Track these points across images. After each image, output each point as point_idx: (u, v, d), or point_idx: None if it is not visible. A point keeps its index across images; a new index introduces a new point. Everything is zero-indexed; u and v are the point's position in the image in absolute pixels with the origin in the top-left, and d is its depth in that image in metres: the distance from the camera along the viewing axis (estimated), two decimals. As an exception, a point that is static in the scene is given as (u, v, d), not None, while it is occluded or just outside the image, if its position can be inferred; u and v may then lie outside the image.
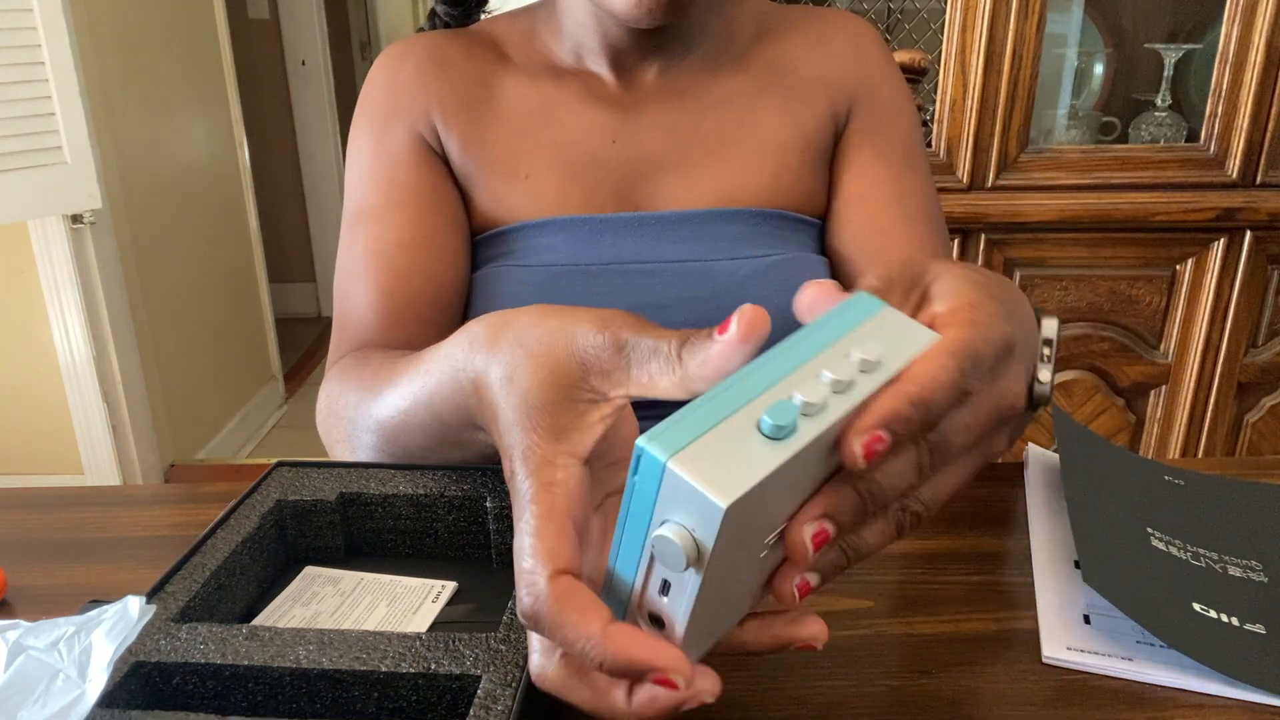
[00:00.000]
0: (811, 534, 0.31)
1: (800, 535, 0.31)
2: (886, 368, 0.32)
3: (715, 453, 0.28)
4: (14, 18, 1.83)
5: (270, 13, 3.61)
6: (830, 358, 0.32)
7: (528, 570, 0.31)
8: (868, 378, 0.31)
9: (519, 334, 0.37)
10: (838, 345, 0.32)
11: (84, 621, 0.35)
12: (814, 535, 0.31)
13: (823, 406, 0.30)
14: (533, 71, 0.74)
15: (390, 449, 0.53)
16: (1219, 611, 0.46)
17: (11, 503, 0.63)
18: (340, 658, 0.38)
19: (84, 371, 2.32)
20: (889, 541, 0.35)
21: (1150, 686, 0.43)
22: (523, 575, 0.31)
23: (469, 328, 0.41)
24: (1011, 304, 0.37)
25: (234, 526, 0.48)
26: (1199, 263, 1.61)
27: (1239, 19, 1.50)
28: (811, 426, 0.29)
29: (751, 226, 0.71)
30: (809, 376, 0.31)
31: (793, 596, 0.34)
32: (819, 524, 0.32)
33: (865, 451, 0.30)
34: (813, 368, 0.31)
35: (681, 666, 0.30)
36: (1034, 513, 0.58)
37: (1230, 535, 0.54)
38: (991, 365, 0.34)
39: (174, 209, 2.62)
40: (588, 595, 0.31)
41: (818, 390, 0.30)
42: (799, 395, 0.30)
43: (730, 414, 0.29)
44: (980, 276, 0.38)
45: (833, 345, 0.32)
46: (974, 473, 0.36)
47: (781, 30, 0.76)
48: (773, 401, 0.29)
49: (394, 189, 0.71)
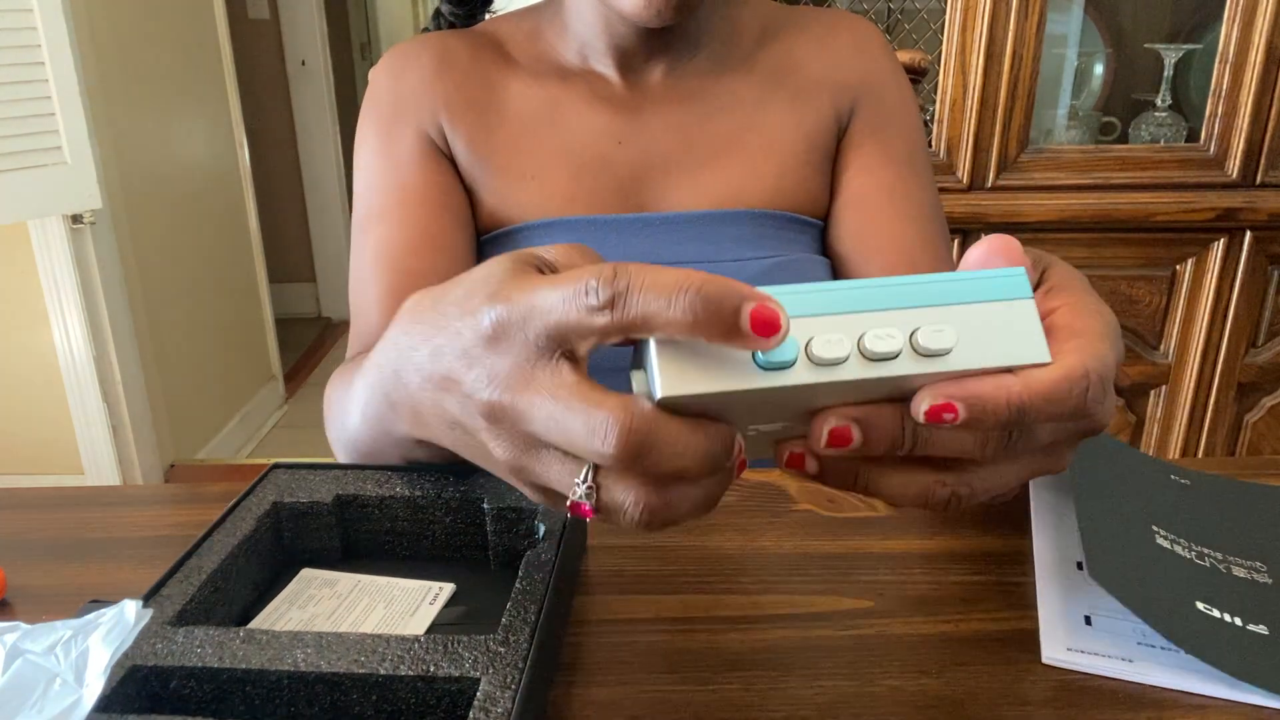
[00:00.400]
0: (831, 428, 0.31)
1: (820, 427, 0.31)
2: (959, 359, 0.30)
3: (698, 345, 0.29)
4: (14, 18, 1.83)
5: (270, 13, 3.61)
6: (916, 319, 0.30)
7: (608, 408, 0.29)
8: (927, 361, 0.30)
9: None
10: (941, 311, 0.30)
11: (81, 625, 0.35)
12: (832, 430, 0.31)
13: (839, 364, 0.29)
14: (538, 72, 0.74)
15: (355, 443, 0.53)
16: (1222, 611, 0.46)
17: (11, 503, 0.63)
18: (338, 661, 0.38)
19: (84, 371, 2.32)
20: (912, 502, 0.33)
21: (1151, 688, 0.43)
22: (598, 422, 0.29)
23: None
24: (1113, 322, 0.35)
25: (230, 529, 0.48)
26: (1199, 263, 1.61)
27: (1239, 19, 1.50)
28: (819, 374, 0.29)
29: (755, 228, 0.71)
30: (865, 327, 0.29)
31: (781, 457, 0.33)
32: (845, 424, 0.31)
33: (929, 413, 0.29)
34: (881, 320, 0.30)
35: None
36: (1037, 513, 0.57)
37: (1235, 535, 0.54)
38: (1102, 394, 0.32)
39: (174, 209, 2.62)
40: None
41: (841, 347, 0.29)
42: (818, 344, 0.29)
43: None
44: (1087, 283, 0.36)
45: (936, 308, 0.30)
46: (1028, 479, 0.35)
47: (786, 31, 0.76)
48: (812, 330, 0.29)
49: (402, 190, 0.71)
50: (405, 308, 0.38)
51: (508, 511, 0.49)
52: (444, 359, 0.34)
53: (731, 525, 0.56)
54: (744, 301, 0.28)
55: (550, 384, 0.30)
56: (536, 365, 0.31)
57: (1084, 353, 0.31)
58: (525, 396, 0.31)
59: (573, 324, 0.29)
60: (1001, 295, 0.31)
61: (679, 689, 0.43)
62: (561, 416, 0.30)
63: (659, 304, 0.28)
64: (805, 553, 0.53)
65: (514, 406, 0.31)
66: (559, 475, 0.32)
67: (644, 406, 0.29)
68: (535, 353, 0.31)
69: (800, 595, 0.49)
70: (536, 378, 0.31)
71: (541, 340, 0.31)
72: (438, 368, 0.34)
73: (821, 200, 0.75)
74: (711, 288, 0.28)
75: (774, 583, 0.51)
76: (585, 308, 0.29)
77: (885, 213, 0.73)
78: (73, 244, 2.21)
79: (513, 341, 0.31)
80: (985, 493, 0.34)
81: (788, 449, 0.33)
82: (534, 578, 0.43)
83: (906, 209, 0.73)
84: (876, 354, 0.29)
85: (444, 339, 0.34)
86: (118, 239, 2.33)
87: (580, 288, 0.29)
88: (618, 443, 0.29)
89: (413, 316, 0.37)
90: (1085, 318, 0.33)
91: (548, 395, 0.30)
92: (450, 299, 0.34)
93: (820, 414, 0.31)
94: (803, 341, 0.29)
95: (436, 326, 0.35)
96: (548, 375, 0.30)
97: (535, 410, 0.31)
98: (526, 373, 0.31)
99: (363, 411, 0.47)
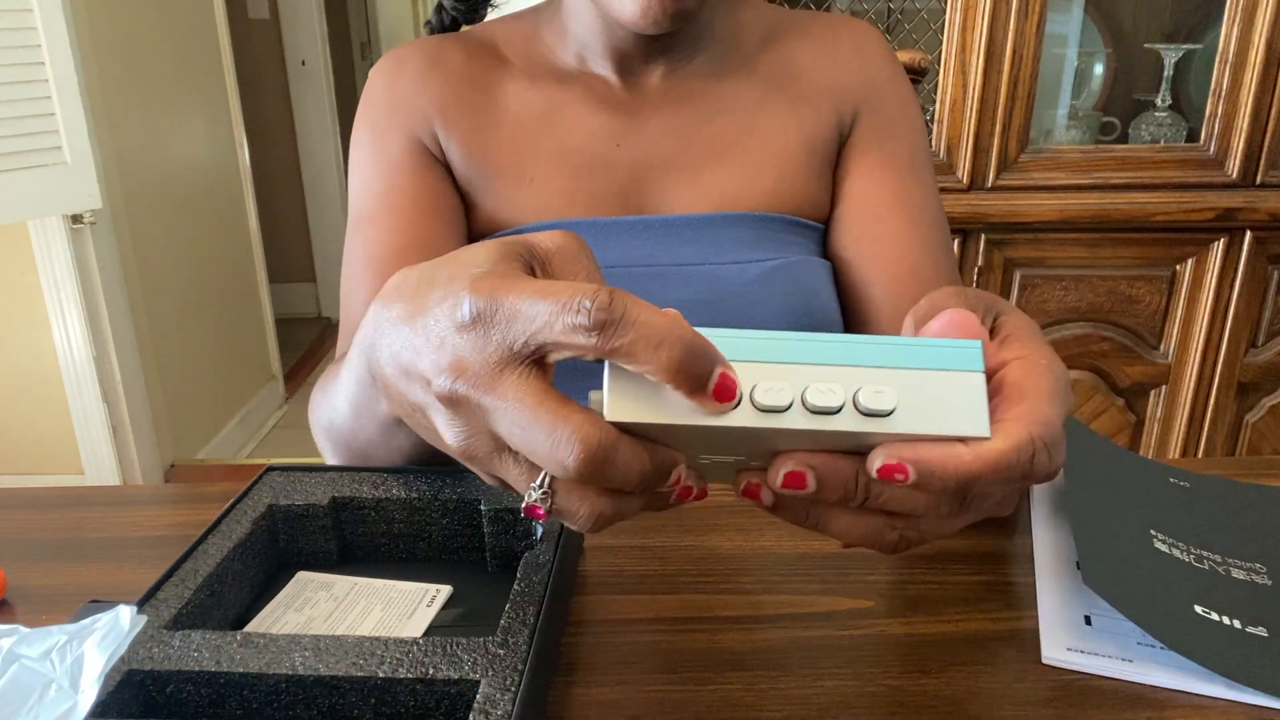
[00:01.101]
0: (785, 472, 0.32)
1: (778, 469, 0.32)
2: (901, 422, 0.30)
3: (645, 380, 0.30)
4: (14, 18, 1.83)
5: (270, 13, 3.61)
6: (860, 378, 0.31)
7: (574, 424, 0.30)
8: (867, 420, 0.30)
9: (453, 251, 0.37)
10: (889, 373, 0.31)
11: (76, 630, 0.35)
12: (788, 474, 0.32)
13: (779, 411, 0.30)
14: (535, 74, 0.74)
15: (340, 430, 0.53)
16: (1221, 614, 0.46)
17: (11, 503, 0.62)
18: (337, 664, 0.38)
19: (84, 371, 2.32)
20: (860, 543, 0.34)
21: (1150, 688, 0.43)
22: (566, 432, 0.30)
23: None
24: (1063, 376, 0.35)
25: (225, 532, 0.48)
26: (1199, 263, 1.61)
27: (1239, 19, 1.50)
28: (760, 419, 0.30)
29: (755, 230, 0.71)
30: (810, 380, 0.30)
31: (738, 486, 0.34)
32: (802, 470, 0.32)
33: (881, 470, 0.30)
34: (827, 375, 0.30)
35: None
36: (1037, 513, 0.57)
37: (1234, 537, 0.54)
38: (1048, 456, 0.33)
39: (174, 209, 2.62)
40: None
41: (783, 395, 0.30)
42: (760, 391, 0.30)
43: None
44: (1039, 332, 0.37)
45: (886, 370, 0.31)
46: (974, 521, 0.35)
47: (788, 35, 0.76)
48: (758, 376, 0.30)
49: (392, 194, 0.71)
50: (390, 283, 0.38)
51: (505, 513, 0.49)
52: (415, 337, 0.34)
53: (731, 525, 0.56)
54: (716, 366, 0.30)
55: (517, 389, 0.31)
56: (506, 367, 0.31)
57: (1032, 420, 0.32)
58: (490, 397, 0.31)
59: (556, 338, 0.30)
60: (953, 365, 0.32)
61: (679, 689, 0.43)
62: (526, 425, 0.31)
63: (646, 345, 0.29)
64: (805, 553, 0.53)
65: (479, 403, 0.32)
66: (515, 476, 0.33)
67: (607, 427, 0.30)
68: (508, 355, 0.31)
69: (800, 595, 0.49)
70: (504, 379, 0.31)
71: (518, 344, 0.31)
72: (407, 345, 0.34)
73: (822, 204, 0.75)
74: (696, 346, 0.30)
75: (774, 583, 0.51)
76: (573, 325, 0.30)
77: (888, 218, 0.73)
78: (73, 244, 2.20)
79: (488, 337, 0.31)
80: (934, 537, 0.35)
81: (745, 479, 0.34)
82: (532, 579, 0.43)
83: (909, 214, 0.73)
84: (817, 407, 0.30)
85: (420, 318, 0.34)
86: (118, 239, 2.33)
87: (572, 304, 0.30)
88: (580, 460, 0.30)
89: (396, 293, 0.37)
90: (1035, 376, 0.33)
91: (514, 400, 0.31)
92: (435, 278, 0.35)
93: (781, 456, 0.32)
94: (748, 387, 0.30)
95: (415, 304, 0.35)
96: (516, 379, 0.31)
97: (500, 413, 0.31)
98: (495, 372, 0.31)
99: (348, 397, 0.47)
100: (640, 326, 0.29)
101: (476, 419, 0.32)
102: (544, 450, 0.30)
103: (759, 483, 0.34)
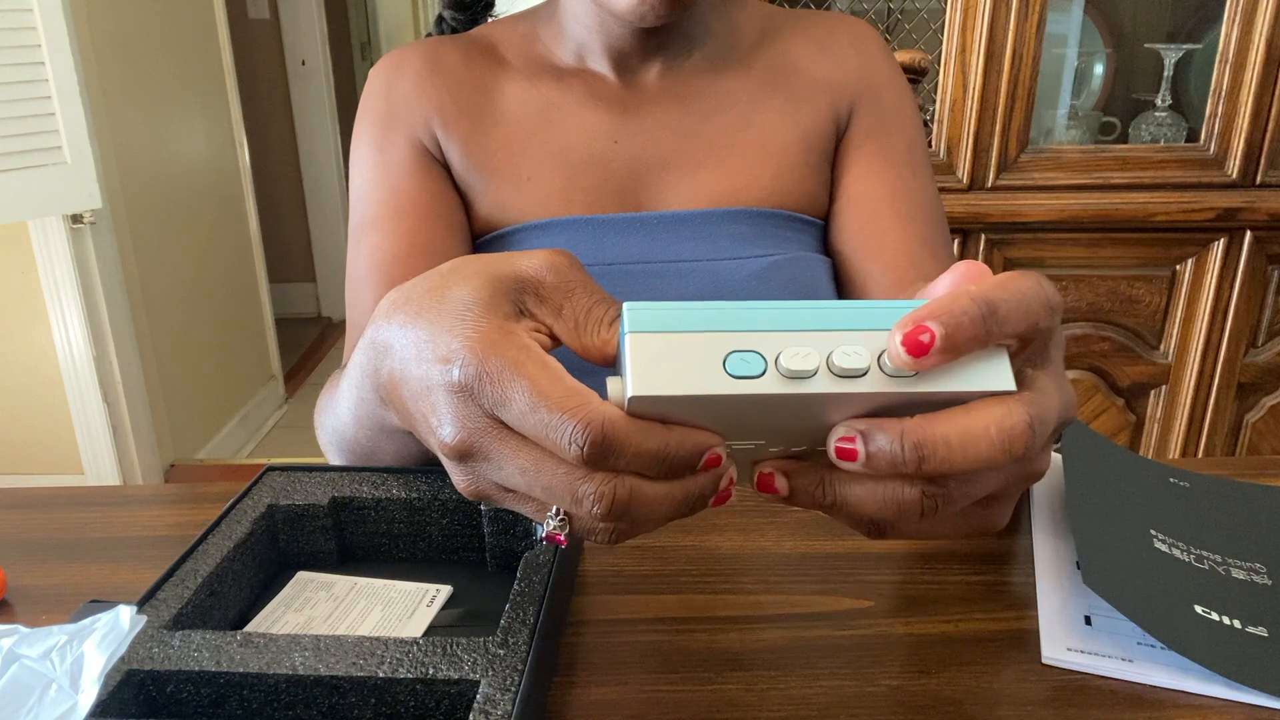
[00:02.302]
0: (841, 436, 0.31)
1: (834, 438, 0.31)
2: (924, 381, 0.30)
3: (672, 351, 0.30)
4: (14, 18, 1.83)
5: (270, 13, 3.61)
6: (880, 342, 0.30)
7: (571, 409, 0.30)
8: (893, 381, 0.30)
9: (445, 268, 0.37)
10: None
11: (76, 630, 0.35)
12: (841, 438, 0.31)
13: (806, 376, 0.30)
14: (533, 74, 0.74)
15: (349, 441, 0.53)
16: (1221, 614, 0.46)
17: (11, 503, 0.62)
18: (337, 664, 0.38)
19: (84, 371, 2.32)
20: (877, 513, 0.33)
21: (1150, 688, 0.43)
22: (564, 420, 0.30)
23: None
24: (1066, 387, 0.35)
25: (225, 532, 0.48)
26: (1199, 263, 1.61)
27: (1239, 19, 1.50)
28: (787, 385, 0.30)
29: (754, 226, 0.71)
30: (839, 343, 0.30)
31: (754, 479, 0.35)
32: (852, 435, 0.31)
33: (907, 341, 0.29)
34: (853, 339, 0.30)
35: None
36: (1037, 513, 0.57)
37: (1234, 537, 0.54)
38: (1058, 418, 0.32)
39: (174, 209, 2.62)
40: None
41: (809, 360, 0.30)
42: (785, 358, 0.30)
43: (720, 329, 0.30)
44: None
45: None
46: (965, 529, 0.35)
47: (785, 32, 0.76)
48: (773, 344, 0.30)
49: (394, 198, 0.71)
50: (389, 303, 0.38)
51: (504, 513, 0.49)
52: (413, 378, 0.35)
53: (731, 525, 0.56)
54: (704, 452, 0.31)
55: (516, 443, 0.32)
56: (503, 429, 0.32)
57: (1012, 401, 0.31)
58: (496, 448, 0.32)
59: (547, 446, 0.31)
60: None
61: (679, 689, 0.43)
62: (536, 471, 0.32)
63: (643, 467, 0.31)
64: (805, 553, 0.53)
65: (483, 455, 0.33)
66: (530, 512, 0.34)
67: (626, 482, 0.31)
68: (498, 422, 0.32)
69: (800, 595, 0.49)
70: (505, 434, 0.32)
71: (508, 420, 0.32)
72: (409, 384, 0.35)
73: (820, 200, 0.75)
74: (683, 453, 0.31)
75: (774, 583, 0.51)
76: (565, 455, 0.31)
77: (885, 213, 0.73)
78: (73, 244, 2.20)
79: (479, 405, 0.32)
80: (959, 501, 0.33)
81: (758, 470, 0.35)
82: (532, 579, 0.43)
83: (906, 209, 0.73)
84: (844, 370, 0.30)
85: (413, 365, 0.35)
86: (118, 239, 2.33)
87: (564, 435, 0.30)
88: (603, 510, 0.31)
89: (387, 321, 0.37)
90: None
91: (515, 450, 0.32)
92: (424, 314, 0.35)
93: (834, 431, 0.32)
94: (773, 355, 0.30)
95: (408, 343, 0.35)
96: (514, 436, 0.32)
97: (506, 463, 0.32)
98: (495, 427, 0.32)
99: (351, 409, 0.47)
100: (633, 460, 0.30)
101: (479, 469, 0.34)
102: (564, 496, 0.31)
103: (771, 472, 0.34)
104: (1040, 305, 0.31)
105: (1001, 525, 0.36)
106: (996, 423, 0.30)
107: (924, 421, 0.30)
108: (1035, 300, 0.31)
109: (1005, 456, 0.30)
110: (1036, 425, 0.30)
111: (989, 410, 0.30)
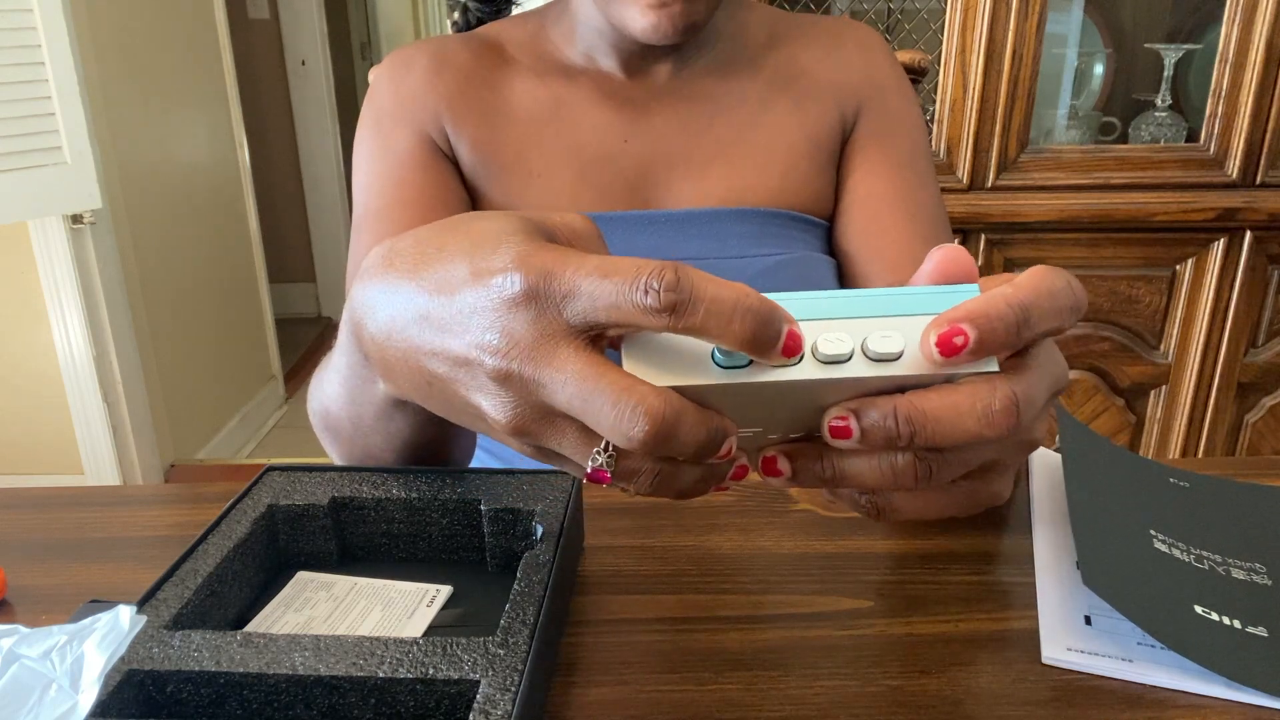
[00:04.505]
0: (835, 416, 0.32)
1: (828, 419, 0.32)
2: (907, 364, 0.31)
3: (664, 345, 0.31)
4: (14, 18, 1.83)
5: (270, 13, 3.61)
6: (867, 328, 0.31)
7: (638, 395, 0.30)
8: (876, 365, 0.31)
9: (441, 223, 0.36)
10: (894, 321, 0.32)
11: (76, 630, 0.35)
12: (835, 418, 0.32)
13: (842, 361, 0.30)
14: (542, 71, 0.75)
15: (333, 426, 0.53)
16: (1221, 614, 0.46)
17: (11, 503, 0.62)
18: (337, 664, 0.38)
19: (84, 371, 2.32)
20: (879, 486, 0.34)
21: (1150, 688, 0.43)
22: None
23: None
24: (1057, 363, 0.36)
25: (225, 532, 0.48)
26: (1199, 263, 1.61)
27: (1239, 19, 1.50)
28: (824, 370, 0.30)
29: (760, 226, 0.72)
30: (825, 330, 0.31)
31: (757, 465, 0.35)
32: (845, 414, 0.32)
33: (941, 341, 0.30)
34: (837, 327, 0.31)
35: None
36: (1037, 513, 0.57)
37: (1234, 537, 0.54)
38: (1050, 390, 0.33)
39: (174, 209, 2.62)
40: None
41: (844, 345, 0.31)
42: (823, 343, 0.30)
43: None
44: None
45: (890, 318, 0.32)
46: (968, 505, 0.36)
47: (793, 37, 0.78)
48: (819, 331, 0.31)
49: (399, 189, 0.71)
50: (374, 257, 0.37)
51: (504, 513, 0.49)
52: (441, 313, 0.34)
53: (731, 525, 0.56)
54: (784, 327, 0.30)
55: (576, 363, 0.31)
56: (562, 342, 0.31)
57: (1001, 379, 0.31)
58: (548, 371, 0.31)
59: (623, 316, 0.30)
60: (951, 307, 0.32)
61: (679, 689, 0.43)
62: (589, 397, 0.30)
63: (718, 321, 0.29)
64: (805, 553, 0.53)
65: (534, 378, 0.31)
66: (572, 445, 0.33)
67: (671, 397, 0.30)
68: (565, 330, 0.31)
69: (800, 595, 0.49)
70: (560, 353, 0.31)
71: (578, 321, 0.31)
72: (427, 322, 0.34)
73: (826, 200, 0.76)
74: (764, 309, 0.29)
75: (774, 583, 0.51)
76: (642, 306, 0.29)
77: (889, 214, 0.73)
78: (73, 244, 2.20)
79: (543, 314, 0.31)
80: (954, 472, 0.34)
81: (762, 455, 0.35)
82: (532, 579, 0.43)
83: (910, 210, 0.74)
84: (828, 356, 0.31)
85: (445, 294, 0.34)
86: (118, 239, 2.33)
87: (639, 285, 0.29)
88: (648, 430, 0.30)
89: (388, 267, 0.36)
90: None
91: (573, 374, 0.31)
92: (447, 249, 0.34)
93: (829, 413, 0.32)
94: (809, 343, 0.31)
95: (429, 279, 0.34)
96: (572, 353, 0.31)
97: (559, 387, 0.31)
98: (550, 347, 0.31)
99: (341, 381, 0.47)
100: (710, 303, 0.29)
101: (530, 393, 0.32)
102: (609, 421, 0.30)
103: (775, 455, 0.34)
104: (1068, 309, 0.32)
105: (1004, 498, 0.36)
106: (983, 400, 0.31)
107: (914, 397, 0.31)
108: (1065, 304, 0.32)
109: (992, 432, 0.31)
110: (1022, 402, 0.31)
111: (975, 388, 0.31)
